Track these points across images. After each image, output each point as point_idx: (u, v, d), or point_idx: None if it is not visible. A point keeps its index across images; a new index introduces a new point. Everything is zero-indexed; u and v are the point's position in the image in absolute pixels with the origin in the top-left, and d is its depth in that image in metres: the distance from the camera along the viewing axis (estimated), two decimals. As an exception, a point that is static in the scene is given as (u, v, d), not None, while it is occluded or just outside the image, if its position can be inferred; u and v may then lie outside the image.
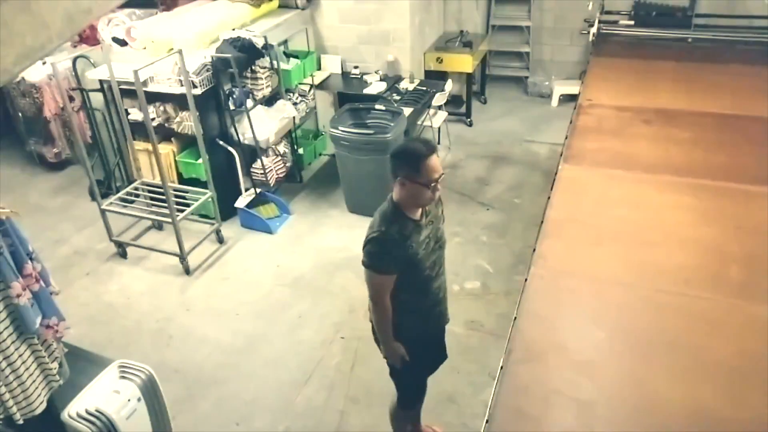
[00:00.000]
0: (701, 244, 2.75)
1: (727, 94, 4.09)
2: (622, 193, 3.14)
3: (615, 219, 2.96)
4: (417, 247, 2.36)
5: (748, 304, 2.42)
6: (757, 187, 3.08)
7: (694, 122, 3.74)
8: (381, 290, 2.40)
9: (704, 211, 2.96)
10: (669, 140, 3.56)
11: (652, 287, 2.53)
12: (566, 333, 2.40)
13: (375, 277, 2.38)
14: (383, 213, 2.39)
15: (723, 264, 2.63)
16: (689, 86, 4.23)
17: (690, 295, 2.48)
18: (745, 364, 2.17)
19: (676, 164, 3.32)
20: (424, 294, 2.53)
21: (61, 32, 1.63)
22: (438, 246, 2.52)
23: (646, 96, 4.11)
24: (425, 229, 2.42)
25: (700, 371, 2.16)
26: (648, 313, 2.43)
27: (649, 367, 2.20)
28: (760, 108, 3.80)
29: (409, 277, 2.40)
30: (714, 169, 3.26)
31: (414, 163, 2.27)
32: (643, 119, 3.80)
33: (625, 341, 2.34)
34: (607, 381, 2.17)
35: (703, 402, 2.04)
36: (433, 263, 2.49)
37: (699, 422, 1.97)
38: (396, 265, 2.34)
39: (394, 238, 2.31)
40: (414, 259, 2.36)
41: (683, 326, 2.36)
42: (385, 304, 2.43)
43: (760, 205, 2.94)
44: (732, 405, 2.02)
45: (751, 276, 2.55)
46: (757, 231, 2.79)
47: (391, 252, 2.32)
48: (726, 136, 3.60)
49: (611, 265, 2.68)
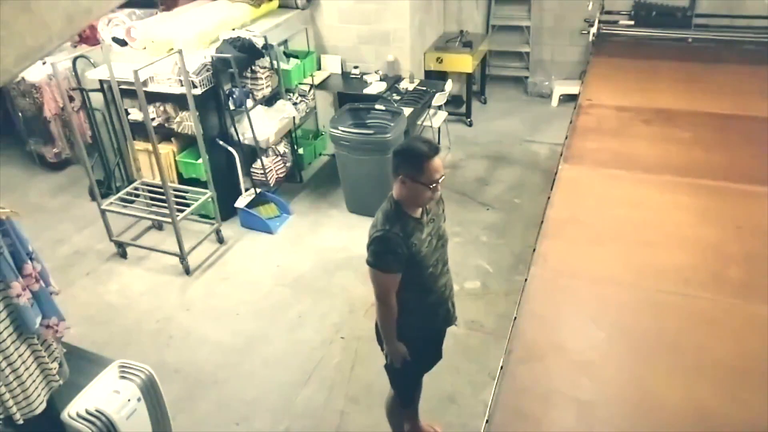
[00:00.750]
0: (701, 244, 2.75)
1: (727, 94, 4.09)
2: (622, 193, 3.14)
3: (615, 219, 2.96)
4: (419, 245, 2.37)
5: (748, 304, 2.42)
6: (757, 187, 3.08)
7: (694, 122, 3.74)
8: (386, 289, 2.41)
9: (704, 211, 2.96)
10: (669, 140, 3.56)
11: (652, 287, 2.53)
12: (566, 333, 2.40)
13: (380, 276, 2.38)
14: (385, 212, 2.40)
15: (723, 264, 2.63)
16: (689, 86, 4.23)
17: (690, 295, 2.48)
18: (745, 364, 2.17)
19: (676, 164, 3.32)
20: (429, 292, 2.53)
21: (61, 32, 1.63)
22: (440, 244, 2.52)
23: (646, 96, 4.11)
24: (427, 227, 2.43)
25: (700, 371, 2.16)
26: (648, 313, 2.43)
27: (649, 367, 2.20)
28: (760, 108, 3.80)
29: (413, 275, 2.41)
30: (714, 169, 3.26)
31: (417, 162, 2.28)
32: (643, 119, 3.80)
33: (625, 341, 2.34)
34: (607, 381, 2.17)
35: (703, 402, 2.03)
36: (437, 261, 2.50)
37: (699, 422, 1.97)
38: (400, 264, 2.34)
39: (397, 236, 2.31)
40: (417, 257, 2.37)
41: (683, 326, 2.36)
42: (391, 303, 2.43)
43: (760, 205, 2.94)
44: (732, 405, 2.02)
45: (751, 276, 2.55)
46: (757, 231, 2.79)
47: (395, 250, 2.32)
48: (726, 136, 3.60)
49: (611, 265, 2.68)
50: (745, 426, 1.95)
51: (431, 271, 2.48)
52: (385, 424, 3.00)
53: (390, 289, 2.41)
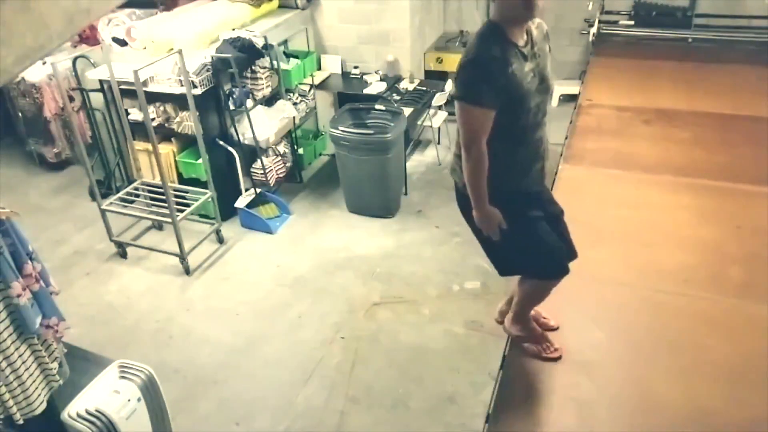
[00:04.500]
0: (701, 244, 2.75)
1: (727, 94, 4.09)
2: (622, 193, 3.15)
3: (615, 219, 2.96)
4: (521, 77, 1.99)
5: (748, 304, 2.42)
6: (757, 187, 3.08)
7: (694, 122, 3.75)
8: (477, 129, 2.00)
9: (704, 211, 2.96)
10: (669, 140, 3.56)
11: (652, 287, 2.53)
12: (566, 333, 2.40)
13: (470, 111, 1.99)
14: (481, 34, 2.03)
15: (723, 264, 2.64)
16: (689, 86, 4.24)
17: (690, 295, 2.48)
18: (744, 364, 2.17)
19: (676, 164, 3.32)
20: (523, 145, 2.13)
21: (61, 32, 1.63)
22: (544, 88, 2.11)
23: (646, 96, 4.11)
24: (530, 61, 2.05)
25: (700, 371, 2.16)
26: (648, 313, 2.44)
27: (649, 367, 2.20)
28: (760, 108, 3.81)
29: (508, 117, 2.02)
30: (714, 169, 3.27)
31: None
32: (643, 119, 3.81)
33: (625, 341, 2.34)
34: (607, 381, 2.17)
35: (703, 402, 2.04)
36: (537, 107, 2.09)
37: (699, 422, 1.97)
38: (496, 96, 1.96)
39: (495, 59, 1.95)
40: (517, 92, 1.99)
41: (683, 326, 2.36)
42: (481, 148, 2.02)
43: (760, 205, 2.94)
44: (732, 405, 2.02)
45: (751, 276, 2.55)
46: (757, 231, 2.79)
47: (490, 78, 1.94)
48: (726, 136, 3.60)
49: (611, 265, 2.68)
50: (745, 426, 1.96)
51: (530, 117, 2.07)
52: (385, 425, 3.00)
53: (480, 128, 2.00)
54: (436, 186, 5.20)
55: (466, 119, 2.00)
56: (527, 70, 2.02)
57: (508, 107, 1.99)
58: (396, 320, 3.76)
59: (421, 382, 3.29)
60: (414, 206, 4.91)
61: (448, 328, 3.64)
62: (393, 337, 3.62)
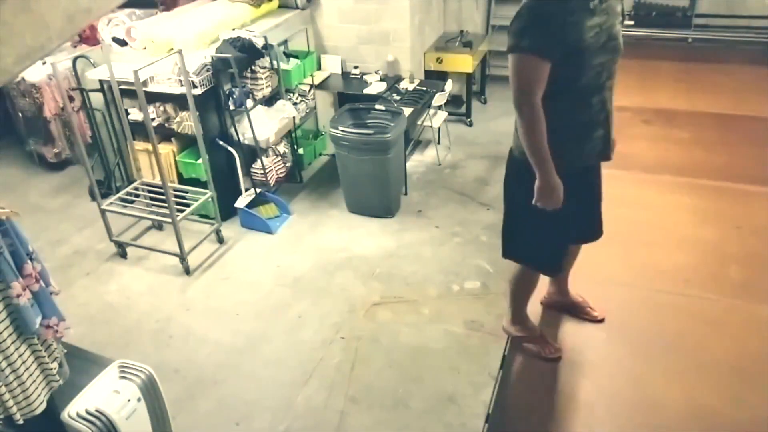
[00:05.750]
0: (701, 244, 2.75)
1: (727, 94, 4.10)
2: (622, 193, 3.15)
3: (615, 219, 2.96)
4: (584, 31, 1.79)
5: (748, 304, 2.43)
6: (757, 187, 3.09)
7: (694, 122, 3.76)
8: (529, 82, 1.80)
9: (704, 211, 2.96)
10: (669, 140, 3.57)
11: (652, 287, 2.54)
12: (566, 333, 2.40)
13: (523, 60, 1.80)
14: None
15: (723, 264, 2.64)
16: (689, 86, 4.25)
17: (690, 295, 2.49)
18: (745, 364, 2.17)
19: (676, 164, 3.33)
20: (584, 107, 1.92)
21: (61, 32, 1.63)
22: (612, 46, 1.90)
23: (646, 96, 4.12)
24: (598, 16, 1.84)
25: (700, 371, 2.16)
26: (648, 313, 2.44)
27: (649, 367, 2.20)
28: (760, 108, 3.81)
29: (566, 73, 1.80)
30: (714, 169, 3.27)
31: None
32: (643, 119, 3.81)
33: (625, 341, 2.34)
34: (607, 381, 2.17)
35: (703, 402, 2.04)
36: (602, 66, 1.88)
37: (699, 422, 1.97)
38: (554, 47, 1.76)
39: (555, 5, 1.76)
40: (577, 45, 1.78)
41: (683, 326, 2.36)
42: (534, 104, 1.80)
43: (760, 205, 2.95)
44: (732, 405, 2.03)
45: (751, 276, 2.55)
46: (757, 231, 2.79)
47: (549, 25, 1.75)
48: (726, 136, 3.61)
49: (611, 265, 2.69)
50: (745, 426, 1.96)
51: (593, 76, 1.86)
52: (385, 425, 3.00)
53: (535, 81, 1.79)
54: (436, 186, 5.20)
55: (518, 69, 1.82)
56: (592, 24, 1.82)
57: (566, 61, 1.79)
58: (396, 320, 3.76)
59: (421, 382, 3.29)
60: (414, 206, 4.91)
61: (448, 328, 3.64)
62: (393, 337, 3.62)
